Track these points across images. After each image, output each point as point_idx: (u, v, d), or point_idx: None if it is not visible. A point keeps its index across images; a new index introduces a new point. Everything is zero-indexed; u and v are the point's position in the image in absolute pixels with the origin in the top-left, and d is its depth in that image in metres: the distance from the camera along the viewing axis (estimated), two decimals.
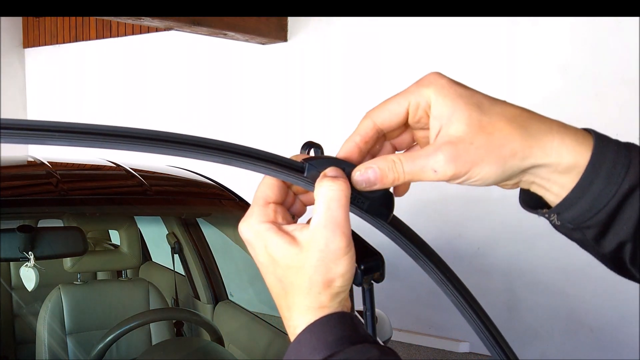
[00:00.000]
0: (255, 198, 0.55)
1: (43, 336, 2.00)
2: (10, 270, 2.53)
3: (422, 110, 0.53)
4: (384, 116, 0.55)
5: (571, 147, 0.50)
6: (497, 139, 0.50)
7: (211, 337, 2.09)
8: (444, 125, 0.51)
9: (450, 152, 0.50)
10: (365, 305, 0.61)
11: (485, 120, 0.50)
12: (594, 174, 0.50)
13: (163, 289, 2.36)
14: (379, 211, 0.55)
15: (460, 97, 0.51)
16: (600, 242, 0.53)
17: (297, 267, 0.51)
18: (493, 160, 0.50)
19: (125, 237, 2.20)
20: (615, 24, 4.03)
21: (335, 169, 0.53)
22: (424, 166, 0.51)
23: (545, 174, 0.51)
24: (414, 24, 4.86)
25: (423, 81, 0.53)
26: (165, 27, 5.31)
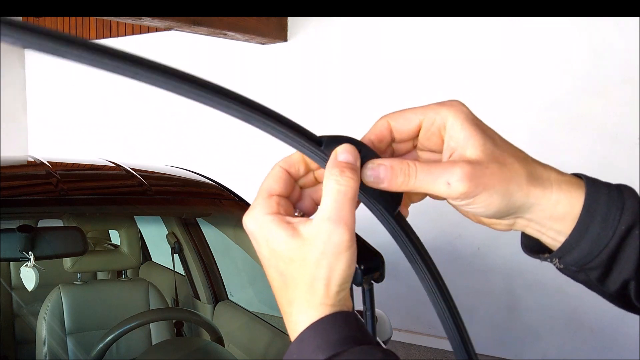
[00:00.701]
0: (260, 190, 0.54)
1: (43, 336, 2.00)
2: (10, 270, 2.53)
3: (436, 129, 0.54)
4: (400, 121, 0.55)
5: (567, 193, 0.52)
6: (508, 171, 0.51)
7: (211, 337, 2.09)
8: (459, 148, 0.52)
9: (468, 170, 0.50)
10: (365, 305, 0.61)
11: (498, 153, 0.52)
12: (590, 217, 0.52)
13: (163, 289, 2.36)
14: (387, 202, 0.54)
15: (477, 126, 0.52)
16: (605, 282, 0.54)
17: (299, 260, 0.50)
18: (502, 189, 0.51)
19: (125, 237, 2.20)
20: (615, 24, 4.03)
21: (350, 149, 0.51)
22: (438, 177, 0.51)
23: (539, 219, 0.53)
24: (414, 24, 4.86)
25: (444, 102, 0.54)
26: (165, 27, 5.31)
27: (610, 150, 4.15)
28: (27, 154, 7.39)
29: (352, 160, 0.51)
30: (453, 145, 0.52)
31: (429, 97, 4.86)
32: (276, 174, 0.54)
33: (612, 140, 4.14)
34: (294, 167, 0.55)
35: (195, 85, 0.47)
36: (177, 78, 0.46)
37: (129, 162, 2.24)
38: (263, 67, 5.87)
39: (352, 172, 0.50)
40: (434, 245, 4.86)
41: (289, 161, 0.55)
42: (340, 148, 0.51)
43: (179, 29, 5.02)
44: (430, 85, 4.90)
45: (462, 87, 4.74)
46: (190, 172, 2.42)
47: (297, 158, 0.55)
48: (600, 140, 4.19)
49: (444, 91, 4.82)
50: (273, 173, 0.54)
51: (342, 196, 0.50)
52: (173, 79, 0.46)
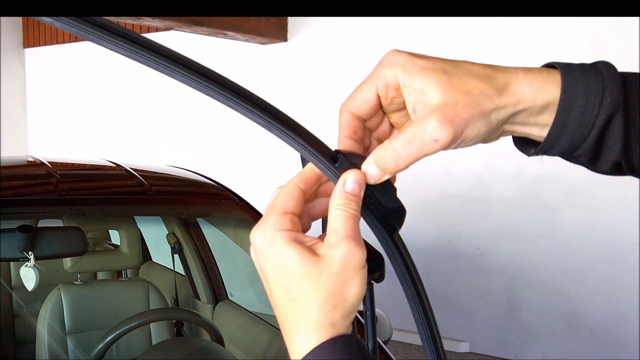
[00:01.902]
0: (273, 206, 0.52)
1: (43, 336, 2.00)
2: (10, 270, 2.53)
3: (393, 90, 0.53)
4: (357, 105, 0.55)
5: (539, 87, 0.51)
6: (473, 95, 0.50)
7: (211, 337, 2.09)
8: (420, 99, 0.51)
9: (441, 116, 0.49)
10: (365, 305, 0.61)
11: (456, 82, 0.50)
12: (566, 112, 0.51)
13: (163, 289, 2.36)
14: (389, 223, 0.54)
15: (425, 68, 0.51)
16: (596, 164, 0.54)
17: (314, 275, 0.49)
18: (479, 115, 0.50)
19: (125, 237, 2.20)
20: (615, 24, 4.03)
21: (359, 178, 0.52)
22: (422, 139, 0.50)
23: (521, 119, 0.52)
24: (414, 24, 4.86)
25: (383, 63, 0.53)
26: (165, 27, 5.31)
27: None
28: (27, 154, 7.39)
29: (358, 192, 0.51)
30: (413, 100, 0.52)
31: None
32: (291, 191, 0.53)
33: None
34: (309, 184, 0.54)
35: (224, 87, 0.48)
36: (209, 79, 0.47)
37: (129, 162, 2.24)
38: (263, 67, 5.87)
39: (356, 204, 0.51)
40: (434, 245, 4.86)
41: (305, 179, 0.54)
42: (351, 176, 0.52)
43: (179, 29, 5.02)
44: None
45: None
46: (190, 172, 2.42)
47: (314, 177, 0.54)
48: None
49: None
50: (288, 190, 0.53)
51: (352, 219, 0.50)
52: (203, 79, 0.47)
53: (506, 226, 4.55)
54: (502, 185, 4.60)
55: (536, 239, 4.42)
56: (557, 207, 4.39)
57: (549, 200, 4.42)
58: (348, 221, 0.50)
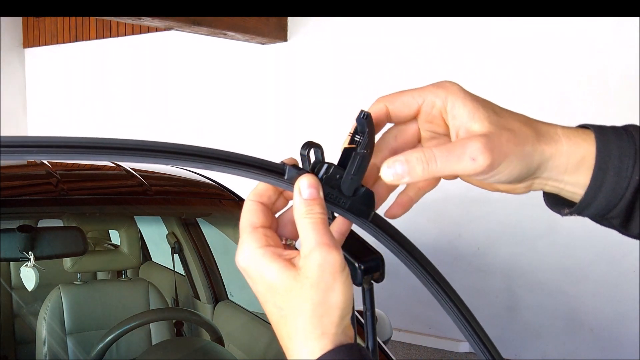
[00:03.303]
0: (241, 227, 0.53)
1: (43, 336, 2.00)
2: (10, 270, 2.53)
3: (437, 111, 0.54)
4: (398, 105, 0.55)
5: (576, 145, 0.52)
6: (519, 136, 0.52)
7: (211, 337, 2.09)
8: (465, 125, 0.52)
9: (485, 141, 0.50)
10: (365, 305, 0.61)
11: (503, 121, 0.52)
12: (602, 173, 0.52)
13: (163, 289, 2.36)
14: (359, 210, 0.54)
15: (476, 100, 0.53)
16: (628, 227, 0.55)
17: (296, 289, 0.49)
18: (519, 154, 0.51)
19: (125, 237, 2.20)
20: (615, 24, 4.03)
21: (311, 181, 0.52)
22: (460, 155, 0.50)
23: (556, 175, 0.53)
24: (415, 24, 4.86)
25: (439, 84, 0.54)
26: (165, 27, 5.31)
27: None
28: None
29: (316, 195, 0.51)
30: (458, 124, 0.52)
31: None
32: (250, 207, 0.53)
33: None
34: (264, 196, 0.54)
35: (150, 152, 0.50)
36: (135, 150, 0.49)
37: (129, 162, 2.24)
38: (263, 67, 5.86)
39: (319, 206, 0.51)
40: (434, 245, 4.86)
41: (257, 192, 0.54)
42: (303, 182, 0.52)
43: (179, 29, 5.02)
44: None
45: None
46: (190, 172, 2.42)
47: (264, 186, 0.54)
48: None
49: None
50: (247, 208, 0.54)
51: (319, 225, 0.50)
52: (135, 153, 0.49)
53: (506, 226, 4.55)
54: None
55: (536, 239, 4.42)
56: None
57: None
58: (316, 228, 0.50)
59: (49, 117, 7.90)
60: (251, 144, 5.95)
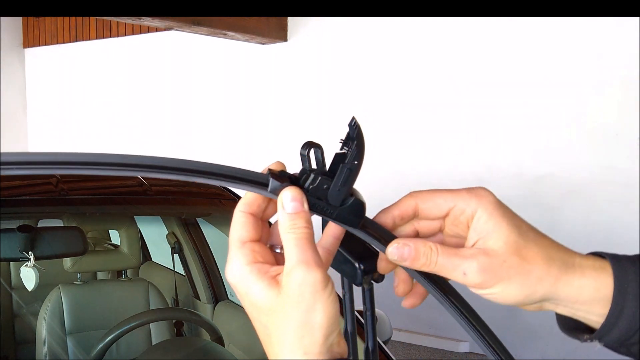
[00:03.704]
0: (230, 241, 0.52)
1: (43, 336, 2.00)
2: (10, 270, 2.53)
3: (465, 218, 0.55)
4: (428, 205, 0.56)
5: (592, 279, 0.53)
6: (528, 264, 0.53)
7: (211, 337, 2.09)
8: (482, 238, 0.54)
9: (484, 262, 0.52)
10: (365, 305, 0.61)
11: (522, 244, 0.53)
12: (622, 298, 0.53)
13: (163, 289, 2.36)
14: (348, 219, 0.54)
15: (504, 217, 0.54)
16: None
17: (279, 309, 0.48)
18: (519, 282, 0.53)
19: (125, 237, 2.20)
20: (615, 24, 4.03)
21: (294, 195, 0.51)
22: (456, 266, 0.53)
23: (566, 303, 0.55)
24: (414, 24, 4.86)
25: (473, 192, 0.56)
26: (165, 27, 5.31)
27: (610, 150, 4.15)
28: None
29: (300, 208, 0.51)
30: (476, 236, 0.54)
31: (429, 96, 4.86)
32: (239, 220, 0.53)
33: (612, 140, 4.14)
34: (253, 206, 0.53)
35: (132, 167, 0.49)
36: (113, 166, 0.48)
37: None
38: (263, 67, 5.86)
39: (303, 221, 0.50)
40: None
41: (246, 202, 0.54)
42: (286, 196, 0.51)
43: (179, 29, 5.02)
44: (431, 84, 4.90)
45: (462, 86, 4.74)
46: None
47: (253, 195, 0.54)
48: (600, 140, 4.19)
49: (444, 90, 4.82)
50: (236, 220, 0.53)
51: (303, 241, 0.49)
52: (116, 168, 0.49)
53: None
54: (502, 185, 4.60)
55: None
56: (557, 207, 4.39)
57: (549, 200, 4.42)
58: (298, 244, 0.49)
59: (49, 117, 7.90)
60: (251, 144, 5.95)
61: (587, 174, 4.22)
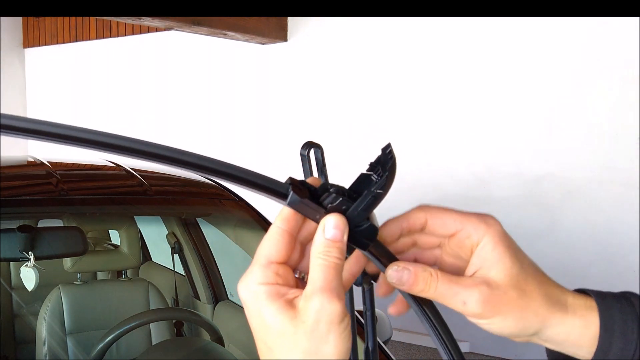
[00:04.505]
0: (257, 256, 0.51)
1: (43, 336, 2.00)
2: (10, 270, 2.53)
3: (470, 243, 0.55)
4: (437, 223, 0.56)
5: (582, 318, 0.54)
6: (526, 298, 0.54)
7: (211, 337, 2.09)
8: (485, 267, 0.54)
9: (486, 294, 0.53)
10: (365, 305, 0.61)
11: (522, 278, 0.54)
12: (609, 336, 0.54)
13: (163, 289, 2.36)
14: (357, 241, 0.53)
15: (509, 249, 0.55)
16: None
17: (290, 333, 0.47)
18: (517, 315, 0.54)
19: (125, 237, 2.20)
20: (615, 24, 4.03)
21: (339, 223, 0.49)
22: (456, 294, 0.53)
23: (555, 341, 0.56)
24: (414, 24, 4.86)
25: (483, 220, 0.56)
26: (165, 27, 5.31)
27: (610, 150, 4.15)
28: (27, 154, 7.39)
29: (340, 238, 0.49)
30: (478, 264, 0.54)
31: (429, 96, 4.86)
32: (275, 236, 0.51)
33: (612, 140, 4.14)
34: (291, 223, 0.51)
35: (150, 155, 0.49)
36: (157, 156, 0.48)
37: (129, 162, 2.24)
38: (263, 67, 5.86)
39: (338, 251, 0.49)
40: None
41: (283, 218, 0.51)
42: (330, 221, 0.49)
43: (179, 29, 5.02)
44: (431, 85, 4.90)
45: (463, 86, 4.74)
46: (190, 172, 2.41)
47: (290, 211, 0.51)
48: (600, 140, 4.19)
49: (444, 90, 4.82)
50: (272, 236, 0.51)
51: (330, 270, 0.48)
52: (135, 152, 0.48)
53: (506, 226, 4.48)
54: (502, 185, 4.60)
55: (536, 239, 4.42)
56: (557, 207, 4.39)
57: (549, 200, 4.42)
58: (326, 271, 0.48)
59: (49, 117, 7.89)
60: (251, 144, 5.95)
61: (587, 174, 4.22)
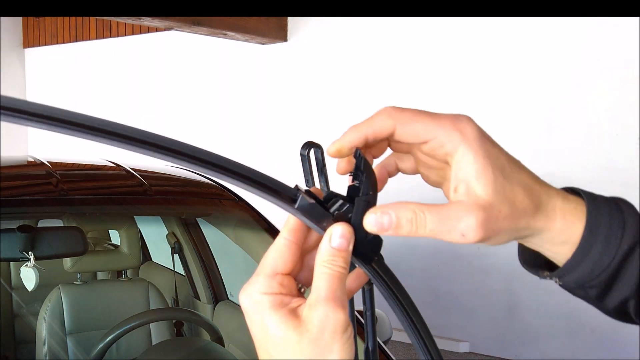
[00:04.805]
0: (263, 265, 0.50)
1: (43, 336, 2.00)
2: (10, 270, 2.53)
3: (443, 153, 0.51)
4: (406, 130, 0.51)
5: (570, 223, 0.51)
6: (517, 211, 0.50)
7: (211, 337, 2.09)
8: (469, 184, 0.49)
9: (482, 218, 0.48)
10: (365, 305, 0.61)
11: (508, 188, 0.50)
12: (592, 238, 0.51)
13: (163, 289, 2.36)
14: (363, 254, 0.52)
15: (489, 157, 0.50)
16: (604, 300, 0.54)
17: (293, 342, 0.47)
18: (511, 230, 0.51)
19: (125, 237, 2.20)
20: (615, 24, 4.03)
21: (346, 232, 0.49)
22: (451, 228, 0.49)
23: (542, 243, 0.53)
24: (414, 24, 4.86)
25: (457, 125, 0.50)
26: (165, 27, 5.31)
27: (610, 150, 4.15)
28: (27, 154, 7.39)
29: (345, 247, 0.49)
30: (461, 177, 0.50)
31: (429, 96, 4.86)
32: (282, 248, 0.50)
33: (612, 140, 4.14)
34: (298, 234, 0.51)
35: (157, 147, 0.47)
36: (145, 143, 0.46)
37: (129, 162, 2.24)
38: (263, 67, 5.86)
39: (343, 260, 0.49)
40: (434, 245, 4.86)
41: (291, 229, 0.51)
42: (337, 230, 0.49)
43: (179, 29, 5.02)
44: (431, 84, 4.90)
45: (462, 86, 4.74)
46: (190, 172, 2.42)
47: (296, 222, 0.51)
48: (600, 140, 4.19)
49: (444, 90, 4.82)
50: (278, 247, 0.50)
51: (335, 279, 0.48)
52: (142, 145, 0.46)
53: None
54: None
55: None
56: None
57: None
58: (330, 280, 0.48)
59: None
60: (251, 144, 5.95)
61: (587, 174, 4.22)
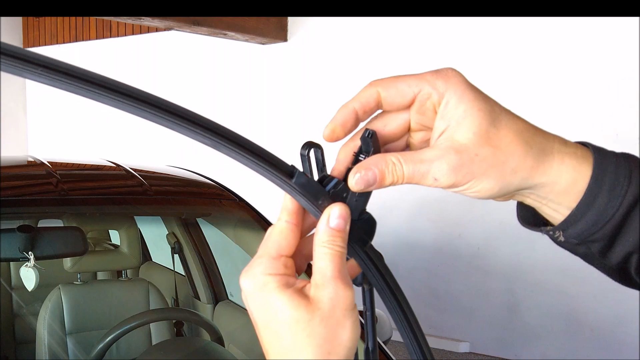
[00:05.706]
0: (266, 247, 0.50)
1: (43, 336, 2.00)
2: (10, 270, 2.53)
3: (431, 105, 0.50)
4: (391, 93, 0.51)
5: (571, 167, 0.50)
6: (502, 153, 0.49)
7: (211, 337, 2.09)
8: (451, 128, 0.49)
9: (454, 161, 0.48)
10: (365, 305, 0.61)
11: (493, 132, 0.49)
12: (597, 188, 0.49)
13: (163, 289, 2.36)
14: (358, 236, 0.52)
15: (475, 100, 0.49)
16: (607, 255, 0.52)
17: (305, 320, 0.47)
18: (494, 175, 0.49)
19: (125, 237, 2.20)
20: (615, 24, 4.03)
21: (343, 212, 0.49)
22: (425, 172, 0.49)
23: (541, 193, 0.51)
24: (414, 24, 4.86)
25: (441, 74, 0.50)
26: (165, 27, 5.31)
27: None
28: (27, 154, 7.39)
29: (343, 227, 0.49)
30: (443, 126, 0.49)
31: None
32: (284, 230, 0.50)
33: (612, 140, 4.14)
34: (298, 215, 0.51)
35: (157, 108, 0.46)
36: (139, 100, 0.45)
37: (129, 162, 2.24)
38: (263, 67, 5.87)
39: (341, 240, 0.49)
40: (434, 245, 4.86)
41: (290, 212, 0.51)
42: (335, 210, 0.49)
43: (179, 29, 5.02)
44: None
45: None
46: (190, 172, 2.42)
47: (294, 204, 0.51)
48: (600, 140, 4.18)
49: None
50: (280, 230, 0.50)
51: (338, 258, 0.48)
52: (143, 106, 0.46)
53: (506, 226, 4.54)
54: None
55: (536, 239, 4.41)
56: None
57: None
58: (334, 260, 0.48)
59: (49, 117, 7.89)
60: None
61: None
